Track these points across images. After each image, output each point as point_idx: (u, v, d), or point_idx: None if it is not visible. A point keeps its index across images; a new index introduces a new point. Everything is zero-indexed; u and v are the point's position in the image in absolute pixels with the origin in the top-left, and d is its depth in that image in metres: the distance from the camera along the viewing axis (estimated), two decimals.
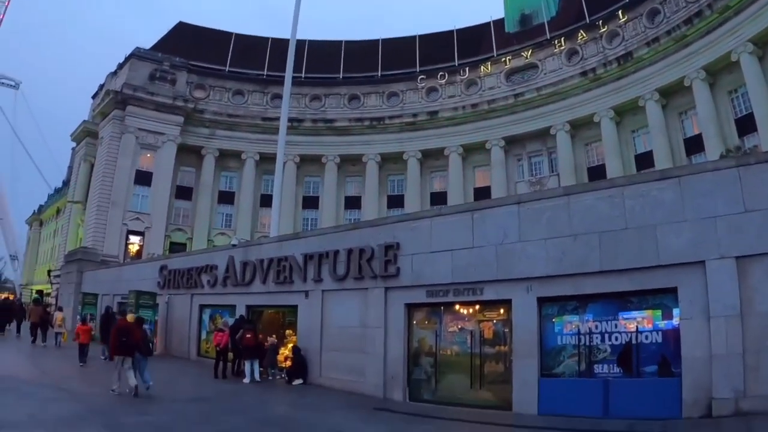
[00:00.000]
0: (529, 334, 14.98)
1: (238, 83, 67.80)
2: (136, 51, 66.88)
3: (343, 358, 20.38)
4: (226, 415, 14.12)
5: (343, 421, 14.10)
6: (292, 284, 23.39)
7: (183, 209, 64.44)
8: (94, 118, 71.19)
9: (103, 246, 57.14)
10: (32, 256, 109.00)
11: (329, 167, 63.82)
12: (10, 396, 15.08)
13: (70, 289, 50.69)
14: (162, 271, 35.16)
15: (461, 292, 16.87)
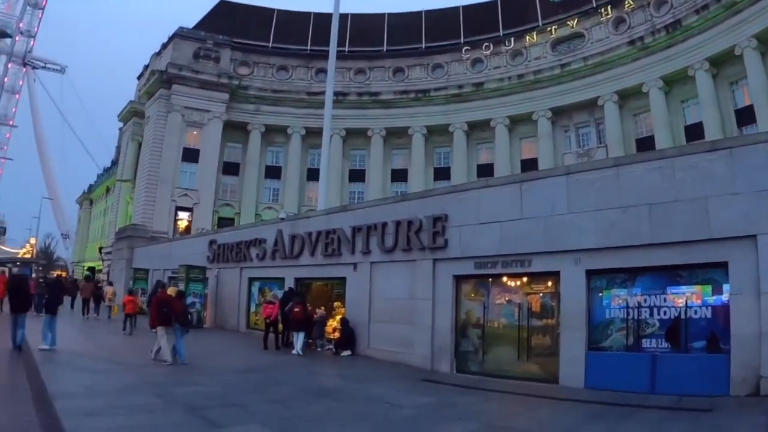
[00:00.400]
0: (578, 306, 14.82)
1: (281, 59, 67.89)
2: (179, 30, 67.39)
3: (391, 329, 20.48)
4: (275, 386, 14.28)
5: (390, 391, 14.09)
6: (340, 256, 23.54)
7: (230, 185, 65.08)
8: (140, 98, 72.03)
9: (153, 222, 58.12)
10: (83, 235, 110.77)
11: (375, 140, 63.66)
12: (67, 369, 15.43)
13: (122, 265, 51.62)
14: (211, 246, 35.66)
15: (509, 264, 16.75)
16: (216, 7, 74.55)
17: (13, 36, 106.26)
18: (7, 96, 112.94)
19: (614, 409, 11.99)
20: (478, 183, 21.48)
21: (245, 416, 10.74)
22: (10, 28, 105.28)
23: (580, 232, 14.99)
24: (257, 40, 69.19)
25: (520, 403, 13.21)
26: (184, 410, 10.90)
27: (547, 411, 12.24)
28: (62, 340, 18.19)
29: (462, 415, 11.58)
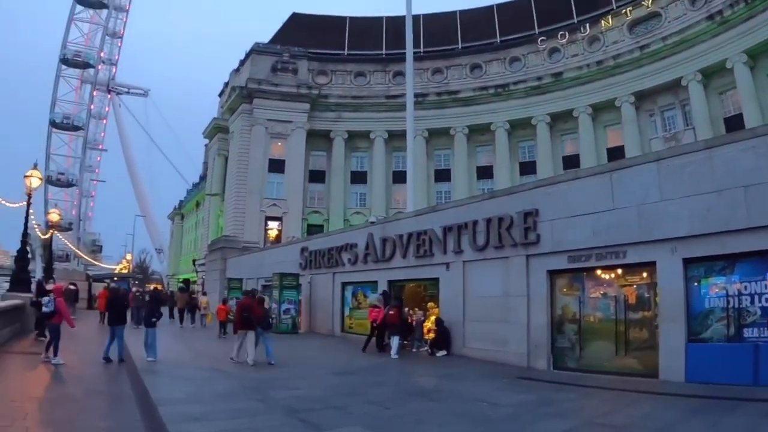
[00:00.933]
0: (675, 297, 14.35)
1: (358, 65, 68.55)
2: (255, 46, 68.94)
3: (486, 328, 20.41)
4: (372, 388, 14.41)
5: (487, 390, 14.01)
6: (432, 257, 23.58)
7: (317, 192, 66.05)
8: (223, 114, 74.05)
9: (244, 233, 59.55)
10: (176, 248, 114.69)
11: (458, 139, 63.32)
12: (168, 376, 16.01)
13: (216, 275, 52.95)
14: (303, 253, 36.26)
15: (603, 257, 16.43)
16: (289, 21, 75.81)
17: (96, 66, 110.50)
18: (95, 122, 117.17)
19: (716, 403, 11.67)
20: (566, 175, 21.02)
21: (345, 418, 10.91)
22: (92, 59, 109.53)
23: (674, 220, 14.54)
24: (333, 49, 69.76)
25: (619, 399, 12.97)
26: (284, 413, 11.14)
27: (647, 406, 11.96)
28: (162, 349, 18.78)
29: (561, 413, 11.50)
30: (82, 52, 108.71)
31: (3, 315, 21.35)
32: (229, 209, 64.45)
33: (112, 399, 13.08)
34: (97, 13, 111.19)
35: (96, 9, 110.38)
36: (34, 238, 49.19)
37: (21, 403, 11.97)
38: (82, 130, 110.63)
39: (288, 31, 72.99)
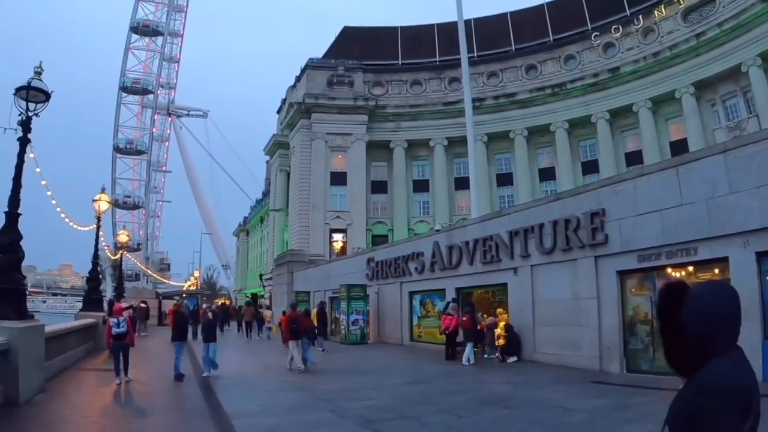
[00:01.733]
0: (749, 293, 13.71)
1: (413, 74, 68.58)
2: (309, 62, 69.84)
3: (557, 332, 20.31)
4: (444, 396, 14.39)
5: (560, 396, 13.93)
6: (499, 262, 23.56)
7: (380, 202, 66.42)
8: (282, 130, 75.09)
9: (309, 246, 60.24)
10: (242, 264, 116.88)
11: (518, 141, 62.76)
12: (240, 388, 16.36)
13: (283, 289, 53.68)
14: (369, 263, 36.55)
15: (674, 254, 16.15)
16: (341, 34, 76.41)
17: (155, 91, 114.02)
18: (158, 144, 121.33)
19: None
20: (632, 173, 20.63)
21: (419, 428, 10.99)
22: (151, 85, 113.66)
23: (745, 212, 14.22)
24: (386, 60, 70.18)
25: None
26: (357, 424, 11.25)
27: None
28: (232, 361, 19.30)
29: (636, 417, 11.34)
30: (141, 79, 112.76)
31: (77, 333, 22.20)
32: (294, 223, 65.29)
33: (187, 413, 13.53)
34: (153, 40, 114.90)
35: (151, 37, 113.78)
36: (104, 259, 50.55)
37: (96, 418, 12.52)
38: (146, 153, 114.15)
39: (341, 45, 73.60)
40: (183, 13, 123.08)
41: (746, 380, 2.66)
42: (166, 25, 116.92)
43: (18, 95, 14.08)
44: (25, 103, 14.08)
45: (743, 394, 2.60)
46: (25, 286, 14.68)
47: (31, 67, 14.55)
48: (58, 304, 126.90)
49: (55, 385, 15.71)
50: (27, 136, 14.23)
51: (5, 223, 13.84)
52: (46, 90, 14.30)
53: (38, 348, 14.37)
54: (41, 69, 14.39)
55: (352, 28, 76.42)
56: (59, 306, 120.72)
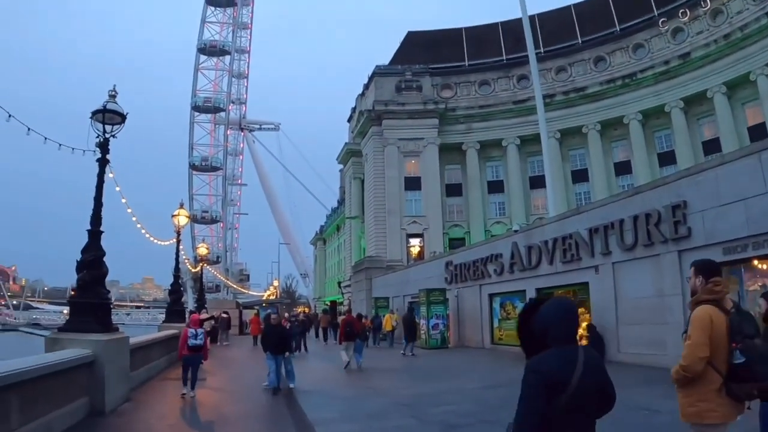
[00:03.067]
0: None
1: (480, 74, 67.93)
2: (377, 69, 70.19)
3: (641, 331, 19.84)
4: None
5: (647, 397, 13.42)
6: (580, 261, 23.24)
7: (456, 205, 66.01)
8: (354, 138, 75.65)
9: (386, 252, 60.55)
10: (320, 272, 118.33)
11: (591, 136, 61.23)
12: (321, 395, 16.48)
13: (362, 295, 54.10)
14: (448, 267, 36.50)
15: (760, 245, 15.48)
16: (405, 40, 76.43)
17: (226, 108, 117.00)
18: (232, 158, 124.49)
19: None
20: (712, 162, 19.67)
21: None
22: (222, 103, 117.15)
23: None
24: (453, 62, 69.69)
25: None
26: (440, 430, 11.21)
27: None
28: (310, 368, 19.31)
29: None
30: (212, 97, 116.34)
31: (160, 344, 22.94)
32: (370, 230, 65.64)
33: (269, 421, 13.69)
34: (221, 59, 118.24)
35: (219, 56, 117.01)
36: (185, 272, 51.82)
37: (180, 426, 12.96)
38: (221, 169, 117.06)
39: (406, 50, 73.58)
40: (248, 30, 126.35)
41: (555, 366, 3.80)
42: (233, 44, 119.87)
43: (95, 118, 14.53)
44: (102, 126, 14.53)
45: (548, 376, 3.76)
46: (109, 300, 15.16)
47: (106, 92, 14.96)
48: (141, 317, 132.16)
49: (139, 394, 16.27)
50: (105, 156, 14.68)
51: (88, 240, 14.35)
52: (122, 112, 14.75)
53: (123, 359, 14.91)
54: (115, 92, 14.84)
55: (416, 32, 76.37)
56: (142, 318, 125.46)
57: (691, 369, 5.11)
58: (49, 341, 13.29)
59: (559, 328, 3.94)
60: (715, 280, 5.36)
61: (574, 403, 3.77)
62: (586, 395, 3.84)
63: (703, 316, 5.18)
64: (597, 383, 4.00)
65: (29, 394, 9.44)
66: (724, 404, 5.07)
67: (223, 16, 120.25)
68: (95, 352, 12.81)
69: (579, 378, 3.79)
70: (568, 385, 3.75)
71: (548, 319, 3.96)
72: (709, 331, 5.09)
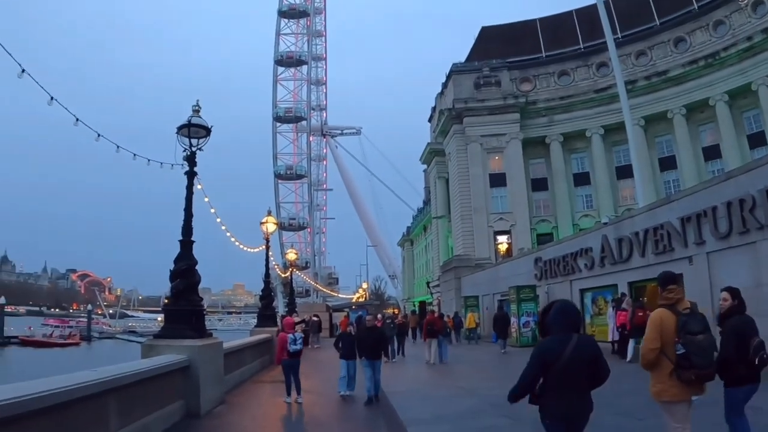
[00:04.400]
0: None
1: (559, 65, 66.97)
2: (454, 67, 70.10)
3: None
4: (621, 397, 13.50)
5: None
6: (672, 252, 22.47)
7: (542, 200, 65.47)
8: (436, 138, 75.81)
9: (474, 250, 60.50)
10: (408, 273, 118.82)
11: (677, 121, 58.72)
12: (413, 396, 16.35)
13: (451, 295, 54.10)
14: (537, 263, 36.15)
15: None
16: (480, 36, 76.21)
17: (307, 117, 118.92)
18: (316, 164, 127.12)
19: None
20: None
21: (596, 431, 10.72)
22: (302, 112, 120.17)
23: None
24: (530, 54, 68.97)
25: None
26: (534, 429, 10.90)
27: None
28: (401, 369, 19.22)
29: None
30: (292, 107, 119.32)
31: (252, 348, 23.40)
32: (457, 229, 65.53)
33: (362, 422, 13.92)
34: (298, 69, 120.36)
35: (296, 66, 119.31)
36: (274, 277, 52.78)
37: (274, 429, 13.50)
38: (305, 177, 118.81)
39: (482, 46, 73.32)
40: (323, 37, 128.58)
41: (551, 345, 5.80)
42: (309, 53, 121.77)
43: (180, 133, 15.08)
44: (188, 140, 15.07)
45: (544, 351, 5.79)
46: (202, 306, 15.64)
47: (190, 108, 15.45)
48: (233, 322, 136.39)
49: (233, 397, 16.74)
50: (193, 169, 15.24)
51: (181, 250, 14.93)
52: (206, 125, 15.22)
53: (217, 363, 15.46)
54: (199, 107, 15.31)
55: (490, 27, 76.04)
56: (234, 323, 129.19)
57: (644, 358, 6.84)
58: (145, 347, 13.93)
59: (557, 322, 5.91)
60: (669, 288, 6.97)
61: (566, 372, 5.68)
62: (576, 367, 5.70)
63: (654, 317, 6.82)
64: (586, 359, 5.78)
65: (127, 398, 9.90)
66: (675, 386, 6.61)
67: (297, 27, 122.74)
68: (190, 357, 13.35)
69: (569, 354, 5.65)
70: (560, 358, 5.66)
71: (551, 316, 6.00)
72: (660, 329, 6.66)
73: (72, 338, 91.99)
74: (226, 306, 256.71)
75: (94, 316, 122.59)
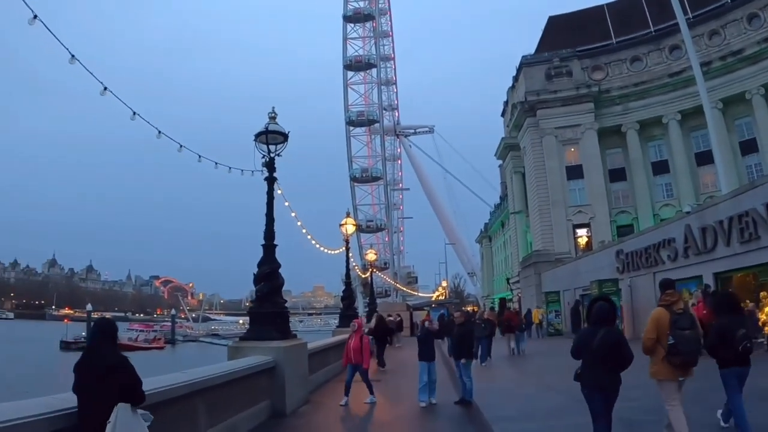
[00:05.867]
0: None
1: (630, 50, 65.20)
2: (524, 59, 69.57)
3: None
4: (714, 393, 13.41)
5: None
6: (759, 240, 21.79)
7: (620, 191, 63.85)
8: (509, 132, 75.43)
9: (553, 245, 59.98)
10: (487, 270, 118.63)
11: (756, 102, 55.83)
12: (498, 394, 16.39)
13: (531, 291, 53.83)
14: (618, 256, 35.67)
15: None
16: (547, 26, 75.17)
17: (380, 119, 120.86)
18: (390, 164, 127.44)
19: None
20: None
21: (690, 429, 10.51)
22: (374, 115, 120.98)
23: None
24: (599, 41, 67.38)
25: None
26: (622, 426, 10.75)
27: None
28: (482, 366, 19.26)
29: None
30: (364, 111, 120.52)
31: (335, 348, 23.65)
32: (535, 224, 65.02)
33: (445, 419, 14.00)
34: (368, 72, 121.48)
35: (365, 70, 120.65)
36: (354, 278, 53.39)
37: (359, 427, 13.83)
38: (381, 179, 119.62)
39: (550, 36, 72.23)
40: (389, 38, 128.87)
41: (584, 335, 8.44)
42: (377, 55, 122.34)
43: (258, 140, 15.51)
44: (267, 146, 15.49)
45: (580, 339, 8.44)
46: (286, 309, 16.10)
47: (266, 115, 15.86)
48: (314, 323, 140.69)
49: (317, 396, 17.13)
50: (272, 175, 15.68)
51: (264, 254, 15.40)
52: (283, 131, 15.59)
53: (302, 364, 15.94)
54: (275, 114, 15.65)
55: (558, 16, 74.77)
56: (315, 324, 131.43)
57: (644, 345, 8.97)
58: (231, 350, 14.47)
59: (591, 317, 8.46)
60: (668, 292, 9.00)
61: (596, 354, 7.90)
62: (603, 351, 7.86)
63: (654, 315, 8.89)
64: (610, 345, 7.93)
65: (216, 399, 10.38)
66: (666, 368, 8.69)
67: (363, 30, 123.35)
68: (276, 359, 13.78)
69: (597, 341, 7.89)
70: (590, 346, 7.96)
71: (588, 312, 8.37)
72: (657, 324, 8.73)
73: (156, 342, 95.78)
74: (307, 307, 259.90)
75: (177, 320, 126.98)
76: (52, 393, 6.54)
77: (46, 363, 60.75)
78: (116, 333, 6.54)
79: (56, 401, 6.01)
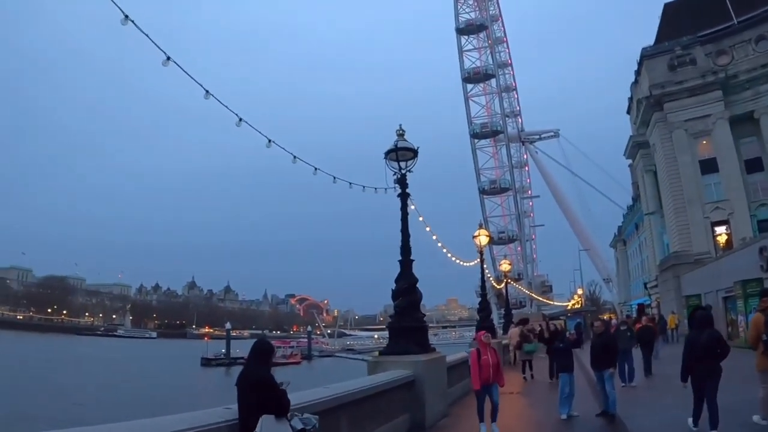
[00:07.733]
0: None
1: (754, 30, 60.53)
2: (644, 52, 67.05)
3: None
4: None
5: None
6: None
7: (759, 182, 59.16)
8: (637, 130, 73.09)
9: (691, 245, 57.32)
10: (623, 275, 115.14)
11: None
12: (639, 405, 16.05)
13: (670, 295, 52.05)
14: (762, 253, 33.46)
15: None
16: (664, 14, 72.16)
17: (504, 130, 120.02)
18: (518, 172, 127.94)
19: None
20: None
21: None
22: (498, 125, 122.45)
23: None
24: (720, 24, 63.12)
25: None
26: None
27: None
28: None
29: None
30: (488, 122, 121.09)
31: None
32: (671, 224, 62.45)
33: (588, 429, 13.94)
34: (487, 83, 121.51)
35: (484, 81, 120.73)
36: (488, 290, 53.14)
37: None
38: (510, 190, 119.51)
39: (668, 25, 69.06)
40: (504, 43, 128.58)
41: (691, 337, 11.73)
42: (495, 64, 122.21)
43: (389, 157, 15.92)
44: (397, 163, 15.89)
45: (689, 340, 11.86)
46: (425, 323, 16.38)
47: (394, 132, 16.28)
48: (449, 336, 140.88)
49: (456, 409, 17.02)
50: (405, 191, 16.08)
51: (401, 269, 15.74)
52: (413, 147, 15.91)
53: (441, 377, 16.06)
54: (402, 131, 16.01)
55: (673, 2, 71.49)
56: (450, 337, 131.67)
57: (750, 342, 11.67)
58: (371, 364, 14.84)
59: (695, 322, 11.75)
60: (764, 299, 11.64)
61: (702, 353, 10.75)
62: (706, 350, 10.68)
63: (755, 318, 11.77)
64: (716, 341, 10.73)
65: (358, 412, 10.71)
66: (765, 360, 11.09)
67: (478, 41, 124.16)
68: (415, 372, 13.97)
69: (705, 339, 10.77)
70: (696, 345, 10.90)
71: (691, 319, 12.99)
72: (759, 325, 11.17)
73: (293, 357, 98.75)
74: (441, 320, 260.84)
75: (313, 336, 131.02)
76: (196, 405, 7.74)
77: (188, 378, 63.43)
78: (268, 352, 7.27)
79: (229, 413, 6.90)
